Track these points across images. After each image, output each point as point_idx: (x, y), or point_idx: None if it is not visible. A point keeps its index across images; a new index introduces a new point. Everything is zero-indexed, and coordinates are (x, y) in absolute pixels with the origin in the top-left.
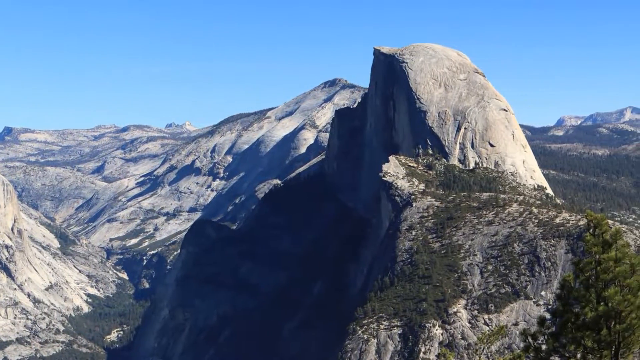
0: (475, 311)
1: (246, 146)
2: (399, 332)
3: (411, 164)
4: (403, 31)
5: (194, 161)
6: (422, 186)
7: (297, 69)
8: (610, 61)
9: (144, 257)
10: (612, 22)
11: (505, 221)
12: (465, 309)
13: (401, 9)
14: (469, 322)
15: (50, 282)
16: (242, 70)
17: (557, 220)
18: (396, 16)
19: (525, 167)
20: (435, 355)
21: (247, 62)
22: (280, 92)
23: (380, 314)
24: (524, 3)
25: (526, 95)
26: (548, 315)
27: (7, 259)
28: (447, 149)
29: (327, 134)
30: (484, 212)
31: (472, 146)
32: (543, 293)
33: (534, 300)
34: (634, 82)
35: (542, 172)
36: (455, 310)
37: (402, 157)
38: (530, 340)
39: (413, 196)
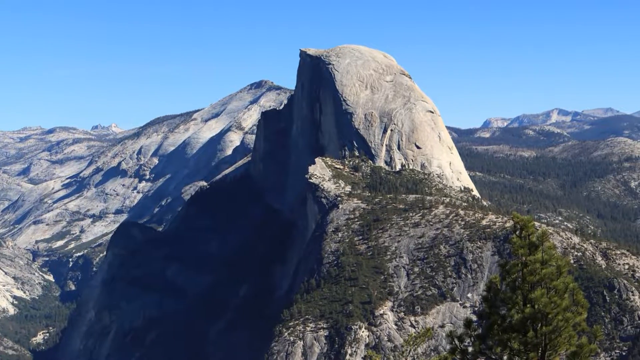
0: (402, 313)
1: (172, 148)
2: (325, 334)
3: (337, 166)
4: (329, 33)
5: (120, 163)
6: (348, 188)
7: (223, 70)
8: (537, 63)
9: (70, 259)
10: (538, 24)
11: (431, 223)
12: (392, 311)
13: (327, 11)
14: (395, 324)
15: None
16: (168, 72)
17: (484, 222)
18: (322, 18)
19: (451, 169)
20: (362, 357)
21: (173, 63)
22: (206, 93)
23: (307, 316)
24: (450, 4)
25: (453, 97)
26: (474, 317)
27: None
28: (373, 151)
29: (254, 136)
30: (410, 214)
31: (399, 148)
32: (469, 295)
33: (460, 302)
34: (560, 84)
35: (469, 174)
36: (381, 312)
37: (328, 159)
38: (457, 342)
39: (339, 198)
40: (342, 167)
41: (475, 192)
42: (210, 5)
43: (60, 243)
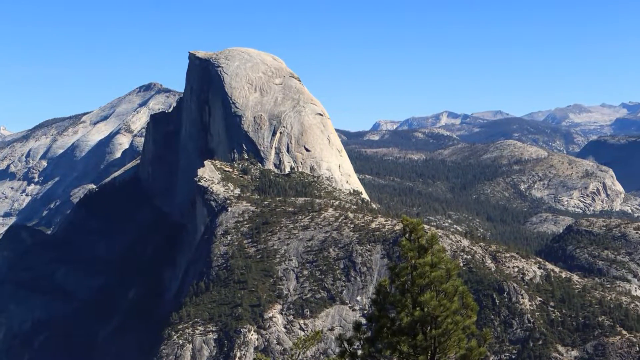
0: (291, 316)
1: (61, 151)
2: (215, 337)
3: (226, 169)
4: (219, 35)
5: (8, 166)
6: (237, 191)
7: (112, 73)
8: (426, 65)
9: None
10: (427, 27)
11: (320, 226)
12: (281, 314)
13: (217, 13)
14: (285, 327)
15: None
16: (57, 74)
17: (373, 225)
18: (212, 20)
19: (340, 172)
20: None
21: (62, 66)
22: (95, 96)
23: (196, 319)
24: (337, 7)
25: (342, 100)
26: (364, 321)
27: None
28: (262, 154)
29: (143, 139)
30: (300, 216)
31: (288, 151)
32: (359, 298)
33: (349, 305)
34: (449, 87)
35: (358, 177)
36: (270, 315)
37: (217, 161)
38: (346, 345)
39: (228, 201)
40: (231, 170)
41: (365, 195)
42: (100, 7)
43: None
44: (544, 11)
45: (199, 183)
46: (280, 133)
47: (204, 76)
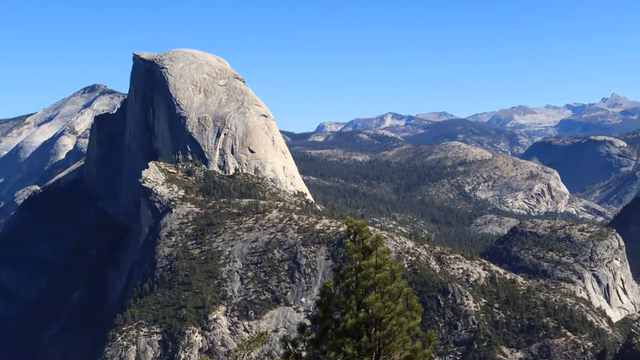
0: (235, 318)
1: (5, 152)
2: (159, 338)
3: (171, 170)
4: (163, 37)
5: None
6: (181, 192)
7: (56, 74)
8: (370, 66)
9: None
10: (370, 28)
11: (265, 227)
12: (225, 315)
13: (161, 15)
14: (229, 329)
15: None
16: (0, 76)
17: (317, 227)
18: (156, 22)
19: (285, 173)
20: None
21: (6, 67)
22: (39, 97)
23: (140, 321)
24: (282, 9)
25: (286, 101)
26: (308, 322)
27: None
28: (207, 155)
29: (87, 140)
30: (244, 218)
31: (232, 152)
32: (303, 299)
33: (294, 306)
34: (394, 88)
35: (303, 178)
36: (215, 316)
37: (161, 163)
38: (291, 347)
39: (173, 202)
40: (175, 171)
41: (309, 197)
42: (43, 7)
43: None
44: (488, 12)
45: (143, 184)
46: (225, 134)
47: (148, 77)
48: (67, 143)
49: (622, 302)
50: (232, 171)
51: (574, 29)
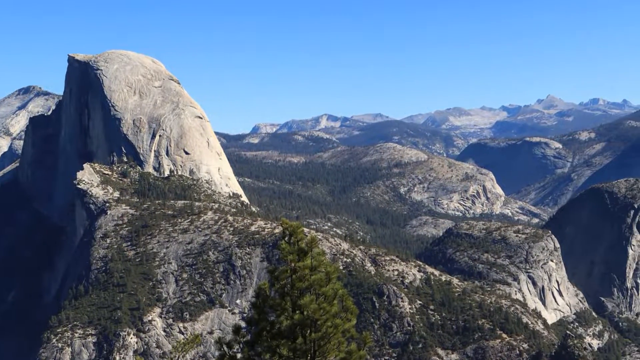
0: (170, 319)
1: None
2: (94, 340)
3: (106, 172)
4: (98, 38)
5: None
6: (116, 194)
7: None
8: (305, 68)
9: None
10: (305, 30)
11: (200, 229)
12: (160, 317)
13: (96, 15)
14: (164, 331)
15: None
16: None
17: (253, 228)
18: (91, 23)
19: (220, 175)
20: None
21: None
22: None
23: (75, 323)
24: (216, 9)
25: (221, 103)
26: (243, 324)
27: None
28: (142, 157)
29: (22, 142)
30: (179, 220)
31: (167, 154)
32: (238, 301)
33: (229, 308)
34: (329, 90)
35: (238, 180)
36: (150, 318)
37: (96, 164)
38: (226, 348)
39: (108, 204)
40: (110, 173)
41: (244, 198)
42: None
43: None
44: (420, 13)
45: (78, 186)
46: (160, 136)
47: (83, 79)
48: (2, 145)
49: (558, 304)
50: (167, 173)
51: (508, 30)
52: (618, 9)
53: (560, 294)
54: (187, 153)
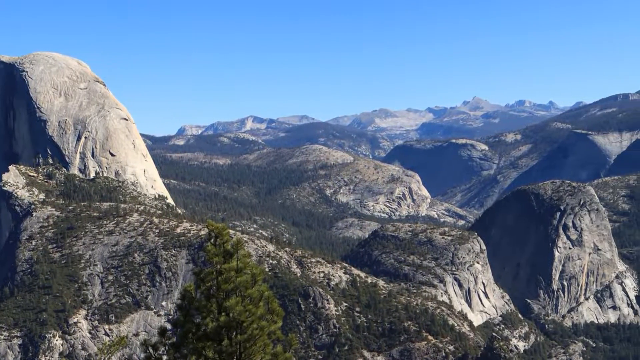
0: (96, 321)
1: None
2: (19, 342)
3: (31, 174)
4: (23, 39)
5: None
6: (42, 196)
7: None
8: (231, 69)
9: None
10: (231, 30)
11: (126, 231)
12: (86, 319)
13: (21, 16)
14: (90, 333)
15: None
16: None
17: (178, 230)
18: (16, 24)
19: (146, 177)
20: None
21: None
22: None
23: (0, 325)
24: (141, 11)
25: (147, 104)
26: (169, 326)
27: None
28: (67, 159)
29: None
30: (105, 221)
31: (93, 155)
32: (164, 303)
33: (154, 310)
34: (254, 92)
35: (163, 182)
36: (75, 320)
37: (22, 166)
38: (151, 350)
39: (33, 206)
40: (36, 174)
41: (170, 200)
42: None
43: None
44: (347, 16)
45: (4, 188)
46: (85, 138)
47: (9, 80)
48: None
49: (484, 306)
50: (92, 174)
51: (434, 32)
52: (544, 12)
53: (487, 296)
54: (112, 155)
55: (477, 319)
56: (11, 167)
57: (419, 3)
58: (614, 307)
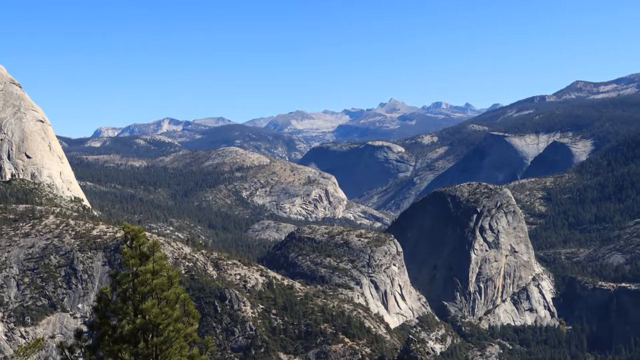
0: (12, 324)
1: None
2: None
3: None
4: None
5: None
6: None
7: None
8: (146, 71)
9: None
10: (149, 31)
11: (42, 233)
12: (2, 321)
13: None
14: (5, 335)
15: None
16: None
17: (95, 233)
18: None
19: (62, 179)
20: None
21: None
22: None
23: None
24: (55, 12)
25: (63, 106)
26: (85, 328)
27: None
28: None
29: None
30: (21, 224)
31: (9, 157)
32: (80, 305)
33: (71, 312)
34: (170, 94)
35: (80, 184)
36: None
37: None
38: (67, 353)
39: None
40: None
41: (86, 202)
42: None
43: None
44: (261, 18)
45: None
46: (1, 140)
47: None
48: None
49: (400, 308)
50: (8, 177)
51: (350, 34)
52: (460, 13)
53: (403, 298)
54: (28, 157)
55: (394, 321)
56: None
57: (334, 5)
58: (531, 309)
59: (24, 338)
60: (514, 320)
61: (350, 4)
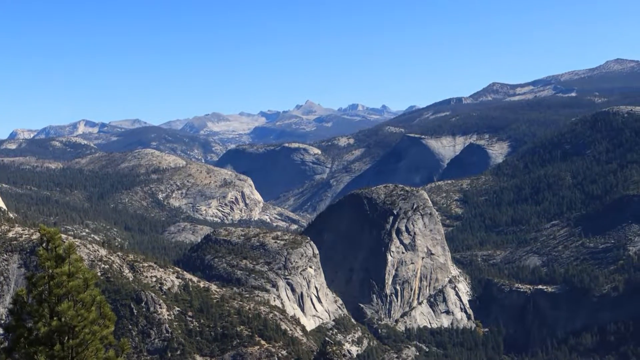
0: None
1: None
2: None
3: None
4: None
5: None
6: None
7: None
8: (63, 73)
9: None
10: (58, 35)
11: None
12: None
13: None
14: None
15: None
16: None
17: (10, 235)
18: None
19: None
20: None
21: None
22: None
23: None
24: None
25: None
26: (1, 330)
27: None
28: None
29: None
30: None
31: None
32: None
33: None
34: (87, 95)
35: None
36: None
37: None
38: None
39: None
40: None
41: (2, 204)
42: None
43: None
44: (175, 18)
45: None
46: None
47: None
48: None
49: (317, 310)
50: None
51: (265, 35)
52: (376, 15)
53: (319, 301)
54: None
55: (310, 324)
56: None
57: (250, 6)
58: (447, 312)
59: None
60: (430, 323)
61: (267, 5)
